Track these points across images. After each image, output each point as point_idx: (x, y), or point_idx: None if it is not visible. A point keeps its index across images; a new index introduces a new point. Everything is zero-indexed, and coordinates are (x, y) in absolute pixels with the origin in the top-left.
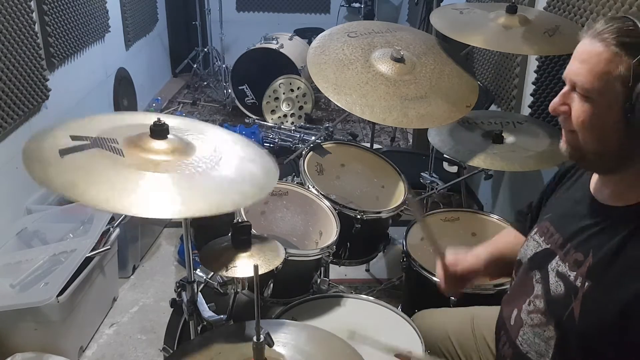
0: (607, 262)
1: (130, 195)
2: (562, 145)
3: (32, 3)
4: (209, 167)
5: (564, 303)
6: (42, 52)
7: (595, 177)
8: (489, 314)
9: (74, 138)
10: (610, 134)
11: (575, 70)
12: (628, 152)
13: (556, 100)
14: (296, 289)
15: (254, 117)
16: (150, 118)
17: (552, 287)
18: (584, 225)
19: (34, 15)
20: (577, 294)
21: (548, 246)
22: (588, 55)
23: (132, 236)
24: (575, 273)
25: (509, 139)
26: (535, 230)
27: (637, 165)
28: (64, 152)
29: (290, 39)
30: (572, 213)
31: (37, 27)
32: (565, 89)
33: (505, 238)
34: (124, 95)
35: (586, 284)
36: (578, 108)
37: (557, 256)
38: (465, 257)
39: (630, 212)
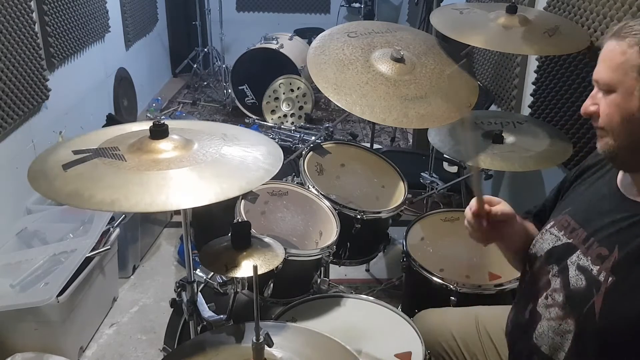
0: (634, 258)
1: (136, 194)
2: (598, 145)
3: (32, 3)
4: (214, 156)
5: (584, 297)
6: (42, 52)
7: (623, 175)
8: (493, 313)
9: (76, 152)
10: (637, 124)
11: (598, 69)
12: None
13: (586, 102)
14: (296, 289)
15: (254, 117)
16: (147, 124)
17: (572, 280)
18: (611, 221)
19: (34, 15)
20: (600, 289)
21: (570, 240)
22: (606, 54)
23: (132, 236)
24: (598, 267)
25: (509, 139)
26: (552, 223)
27: None
28: (67, 166)
29: (290, 39)
30: (597, 208)
31: (37, 27)
32: (594, 90)
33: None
34: (124, 95)
35: (610, 279)
36: (604, 104)
37: (579, 250)
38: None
39: None
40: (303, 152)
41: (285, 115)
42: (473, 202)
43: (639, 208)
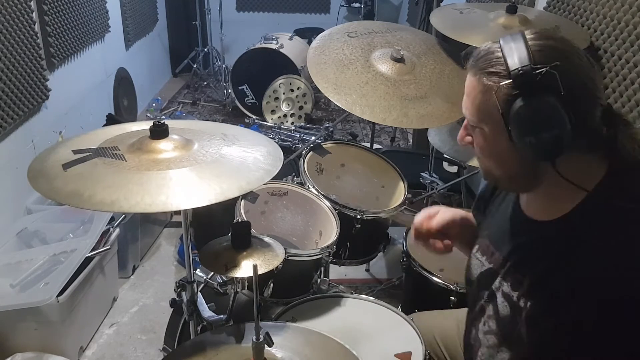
0: (544, 279)
1: (136, 195)
2: (481, 173)
3: (32, 3)
4: (214, 156)
5: (511, 323)
6: (42, 52)
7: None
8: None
9: (75, 152)
10: (507, 159)
11: (464, 104)
12: (532, 171)
13: (461, 132)
14: (296, 289)
15: (254, 117)
16: (147, 124)
17: (500, 307)
18: (518, 243)
19: (34, 15)
20: (522, 314)
21: (491, 265)
22: (469, 88)
23: (132, 236)
24: (517, 293)
25: None
26: (476, 247)
27: (551, 180)
28: (67, 165)
29: (290, 39)
30: (506, 230)
31: (37, 27)
32: (465, 121)
33: None
34: (124, 95)
35: (528, 303)
36: (475, 138)
37: (500, 276)
38: (441, 209)
39: (558, 226)
40: (303, 152)
41: (285, 115)
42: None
43: (539, 228)
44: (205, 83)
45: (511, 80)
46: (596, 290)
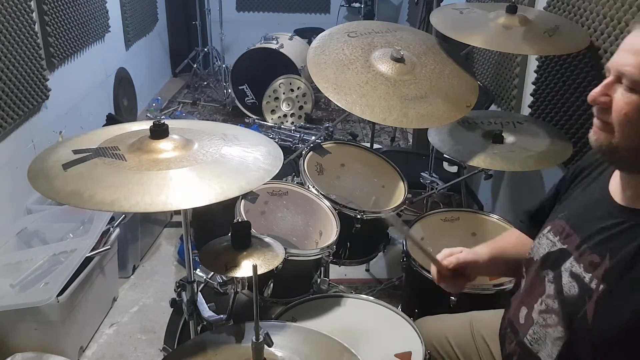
0: (625, 266)
1: (136, 194)
2: (593, 136)
3: (32, 3)
4: (214, 156)
5: (577, 304)
6: (42, 52)
7: (615, 179)
8: (488, 316)
9: (76, 152)
10: None
11: (625, 61)
12: None
13: (597, 90)
14: (296, 289)
15: (254, 117)
16: (147, 124)
17: (565, 287)
18: (602, 227)
19: (34, 15)
20: (592, 296)
21: (564, 246)
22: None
23: (132, 236)
24: (590, 275)
25: (509, 139)
26: (548, 228)
27: None
28: (67, 165)
29: (290, 39)
30: (589, 214)
31: (37, 27)
32: (609, 79)
33: (508, 238)
34: (124, 95)
35: (601, 286)
36: (621, 100)
37: (572, 257)
38: (461, 252)
39: None
40: (303, 152)
41: (285, 115)
42: (433, 269)
43: (630, 214)
44: (205, 83)
45: None
46: None
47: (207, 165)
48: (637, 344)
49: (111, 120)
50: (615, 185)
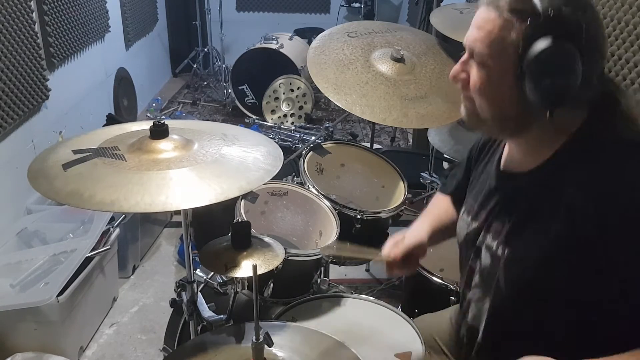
0: (520, 227)
1: (136, 194)
2: (463, 110)
3: (32, 3)
4: (214, 156)
5: (491, 273)
6: (42, 52)
7: (505, 149)
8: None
9: (76, 152)
10: (505, 100)
11: (473, 37)
12: (524, 117)
13: (456, 67)
14: (296, 289)
15: (254, 117)
16: (147, 124)
17: (483, 260)
18: (498, 198)
19: (34, 15)
20: (500, 262)
21: (475, 225)
22: (484, 22)
23: (132, 236)
24: (496, 242)
25: None
26: (463, 209)
27: (535, 130)
28: (67, 165)
29: (290, 39)
30: (488, 188)
31: (37, 27)
32: (465, 56)
33: (439, 204)
34: (124, 95)
35: (506, 250)
36: (475, 74)
37: (483, 231)
38: (404, 238)
39: (532, 176)
40: (303, 152)
41: (285, 115)
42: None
43: (514, 179)
44: (205, 83)
45: (539, 20)
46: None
47: (207, 166)
48: (543, 299)
49: (111, 120)
50: (505, 156)
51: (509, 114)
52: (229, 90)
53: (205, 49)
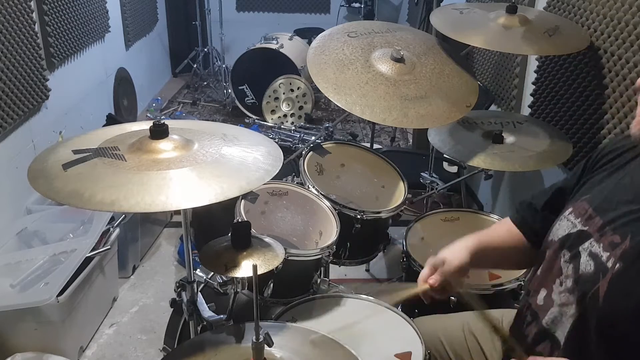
0: None
1: (136, 195)
2: (635, 126)
3: (32, 3)
4: (214, 156)
5: (591, 281)
6: (42, 52)
7: None
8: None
9: (76, 152)
10: None
11: None
12: None
13: None
14: (296, 289)
15: (254, 117)
16: (147, 124)
17: (582, 266)
18: (628, 210)
19: (34, 15)
20: (606, 275)
21: (585, 228)
22: None
23: (132, 236)
24: (608, 254)
25: (509, 139)
26: (570, 210)
27: None
28: (67, 165)
29: (290, 39)
30: (616, 198)
31: (37, 27)
32: None
33: (497, 229)
34: (124, 95)
35: (617, 265)
36: None
37: (593, 238)
38: (443, 263)
39: None
40: (303, 152)
41: (285, 115)
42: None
43: None
44: (205, 83)
45: None
46: None
47: (207, 165)
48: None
49: (111, 120)
50: None
51: None
52: (229, 90)
53: (205, 49)
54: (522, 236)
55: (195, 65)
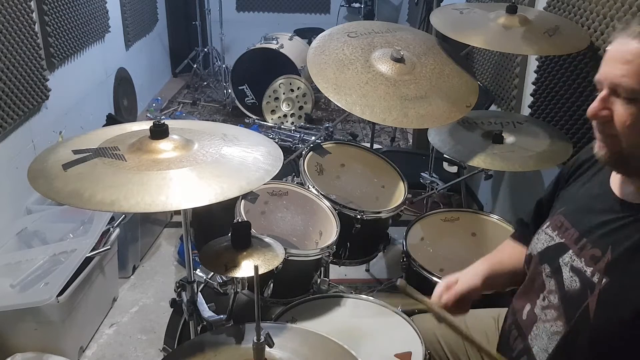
0: (627, 260)
1: (136, 195)
2: (600, 151)
3: (32, 3)
4: (214, 156)
5: (579, 299)
6: (42, 52)
7: (616, 174)
8: (477, 316)
9: (76, 152)
10: None
11: (617, 72)
12: None
13: (595, 105)
14: (296, 289)
15: (254, 117)
16: (147, 124)
17: (567, 282)
18: (603, 221)
19: (34, 15)
20: (594, 290)
21: (562, 240)
22: (632, 55)
23: (132, 236)
24: (592, 269)
25: (509, 139)
26: (547, 223)
27: None
28: (67, 165)
29: (290, 39)
30: (589, 208)
31: (37, 27)
32: (604, 93)
33: (503, 249)
34: (124, 95)
35: (604, 280)
36: (622, 111)
37: (571, 250)
38: (457, 281)
39: None
40: (303, 152)
41: (285, 115)
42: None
43: (632, 209)
44: (205, 83)
45: None
46: None
47: (207, 166)
48: (636, 338)
49: (111, 120)
50: (617, 180)
51: None
52: (229, 91)
53: (205, 49)
54: (525, 250)
55: (195, 65)
